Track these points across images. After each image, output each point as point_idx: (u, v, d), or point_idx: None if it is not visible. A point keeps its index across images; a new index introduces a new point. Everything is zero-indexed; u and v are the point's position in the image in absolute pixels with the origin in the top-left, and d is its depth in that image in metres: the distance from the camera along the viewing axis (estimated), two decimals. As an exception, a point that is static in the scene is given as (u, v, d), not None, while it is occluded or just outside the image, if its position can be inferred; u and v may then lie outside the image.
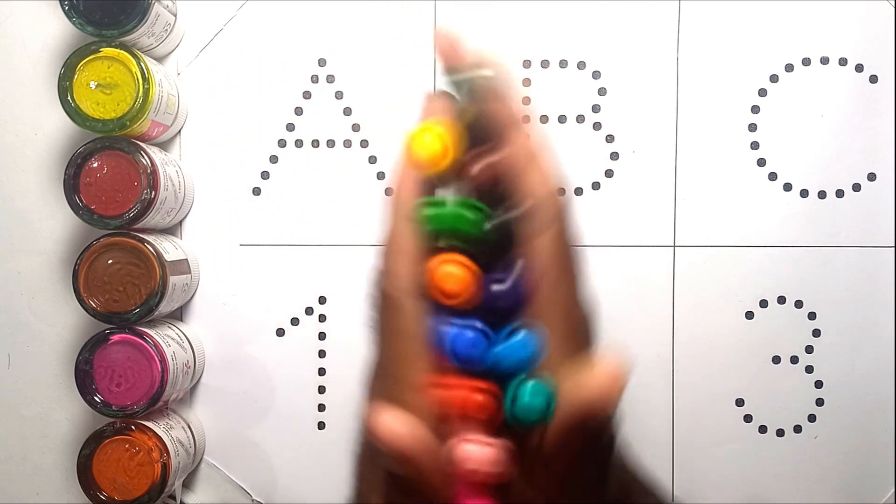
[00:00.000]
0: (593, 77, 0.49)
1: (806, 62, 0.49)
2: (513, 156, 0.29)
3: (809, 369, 0.49)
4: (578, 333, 0.29)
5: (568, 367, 0.26)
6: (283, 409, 0.49)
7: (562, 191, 0.29)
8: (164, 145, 0.49)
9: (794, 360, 0.49)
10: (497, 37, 0.49)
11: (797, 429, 0.49)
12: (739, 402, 0.49)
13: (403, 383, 0.28)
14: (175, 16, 0.47)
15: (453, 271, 0.26)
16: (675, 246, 0.49)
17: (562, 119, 0.49)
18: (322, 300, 0.50)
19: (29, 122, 0.49)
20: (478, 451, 0.25)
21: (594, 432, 0.26)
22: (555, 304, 0.28)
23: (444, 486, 0.27)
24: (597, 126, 0.49)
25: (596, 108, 0.49)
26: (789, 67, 0.49)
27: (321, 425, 0.50)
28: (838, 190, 0.49)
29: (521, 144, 0.29)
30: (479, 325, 0.26)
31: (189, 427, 0.48)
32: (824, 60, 0.49)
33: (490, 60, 0.30)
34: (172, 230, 0.49)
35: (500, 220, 0.27)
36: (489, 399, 0.26)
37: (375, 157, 0.49)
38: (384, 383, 0.29)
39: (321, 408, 0.50)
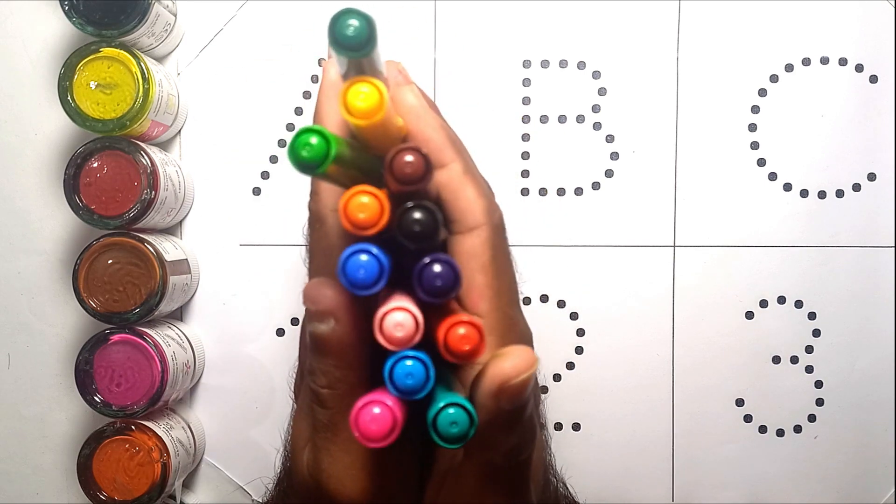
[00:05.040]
0: (593, 77, 0.49)
1: (806, 62, 0.49)
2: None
3: (809, 369, 0.49)
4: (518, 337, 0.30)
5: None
6: (283, 409, 0.49)
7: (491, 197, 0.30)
8: (164, 145, 0.49)
9: (794, 360, 0.49)
10: (497, 37, 0.49)
11: (797, 429, 0.49)
12: (739, 402, 0.49)
13: None
14: (175, 16, 0.47)
15: (363, 201, 0.25)
16: (675, 246, 0.49)
17: (562, 119, 0.49)
18: (322, 300, 0.50)
19: (29, 122, 0.49)
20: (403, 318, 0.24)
21: (512, 416, 0.27)
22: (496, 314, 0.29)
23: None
24: (597, 126, 0.49)
25: (596, 108, 0.49)
26: (789, 67, 0.49)
27: (321, 425, 0.50)
28: (838, 190, 0.49)
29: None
30: (375, 250, 0.25)
31: (189, 427, 0.48)
32: (824, 60, 0.49)
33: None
34: (172, 230, 0.49)
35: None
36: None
37: (375, 157, 0.49)
38: None
39: (321, 408, 0.50)
